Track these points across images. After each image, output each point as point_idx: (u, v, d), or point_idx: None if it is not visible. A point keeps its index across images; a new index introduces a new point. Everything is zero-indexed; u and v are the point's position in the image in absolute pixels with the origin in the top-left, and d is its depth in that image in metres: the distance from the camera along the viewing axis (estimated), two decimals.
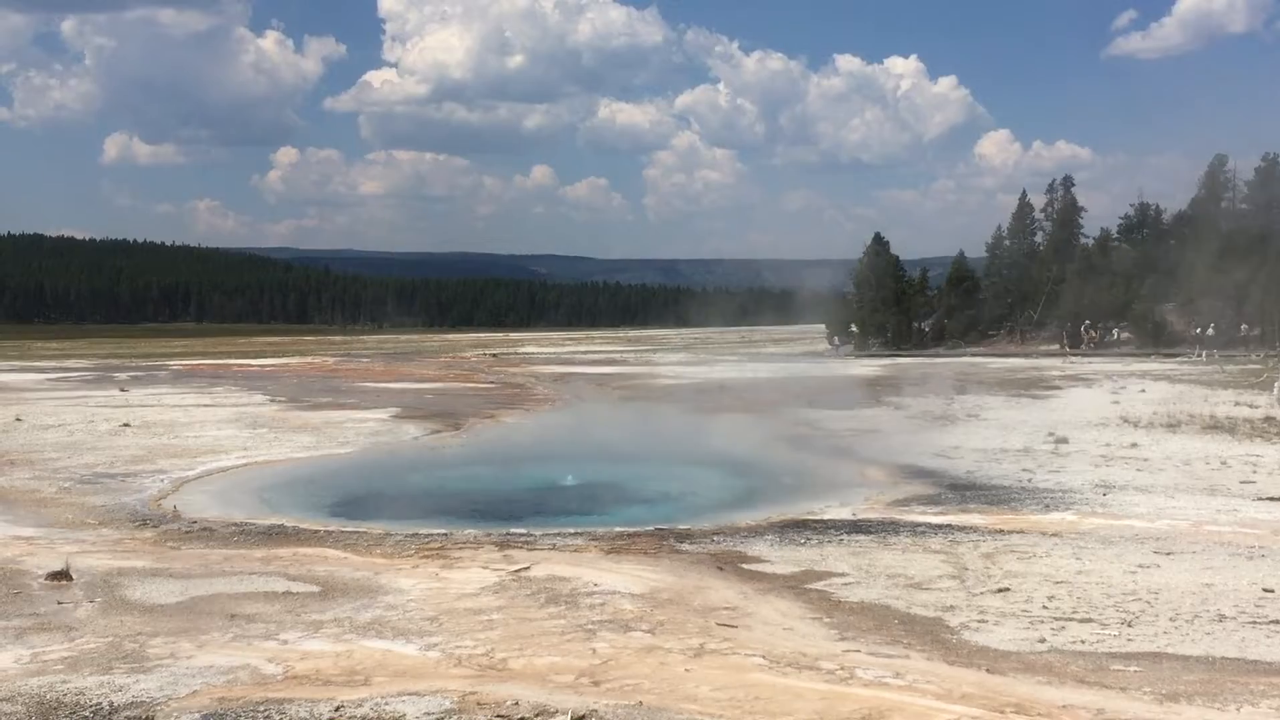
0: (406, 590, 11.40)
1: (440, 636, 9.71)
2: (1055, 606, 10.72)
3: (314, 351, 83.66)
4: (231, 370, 56.31)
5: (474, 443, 25.62)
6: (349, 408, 33.44)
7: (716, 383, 44.46)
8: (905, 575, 12.05)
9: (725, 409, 31.78)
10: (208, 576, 12.11)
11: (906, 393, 36.76)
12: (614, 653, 9.20)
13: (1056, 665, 8.96)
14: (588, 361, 64.56)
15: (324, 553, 13.37)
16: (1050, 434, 24.76)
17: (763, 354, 74.44)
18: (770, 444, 23.89)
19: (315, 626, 10.06)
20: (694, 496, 18.31)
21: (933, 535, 14.25)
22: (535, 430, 28.28)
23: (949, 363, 58.26)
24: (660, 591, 11.29)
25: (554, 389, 42.25)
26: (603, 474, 20.85)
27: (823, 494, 17.53)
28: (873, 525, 14.93)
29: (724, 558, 12.96)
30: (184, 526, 15.10)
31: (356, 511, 16.86)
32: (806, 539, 14.02)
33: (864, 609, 10.67)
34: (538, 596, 11.09)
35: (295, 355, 76.21)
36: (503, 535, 14.27)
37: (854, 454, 22.17)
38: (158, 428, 27.54)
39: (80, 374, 52.57)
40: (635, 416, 30.97)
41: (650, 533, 14.41)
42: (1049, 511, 15.91)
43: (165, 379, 48.85)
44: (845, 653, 9.22)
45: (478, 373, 53.50)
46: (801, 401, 33.08)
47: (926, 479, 18.98)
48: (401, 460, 22.77)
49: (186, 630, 9.97)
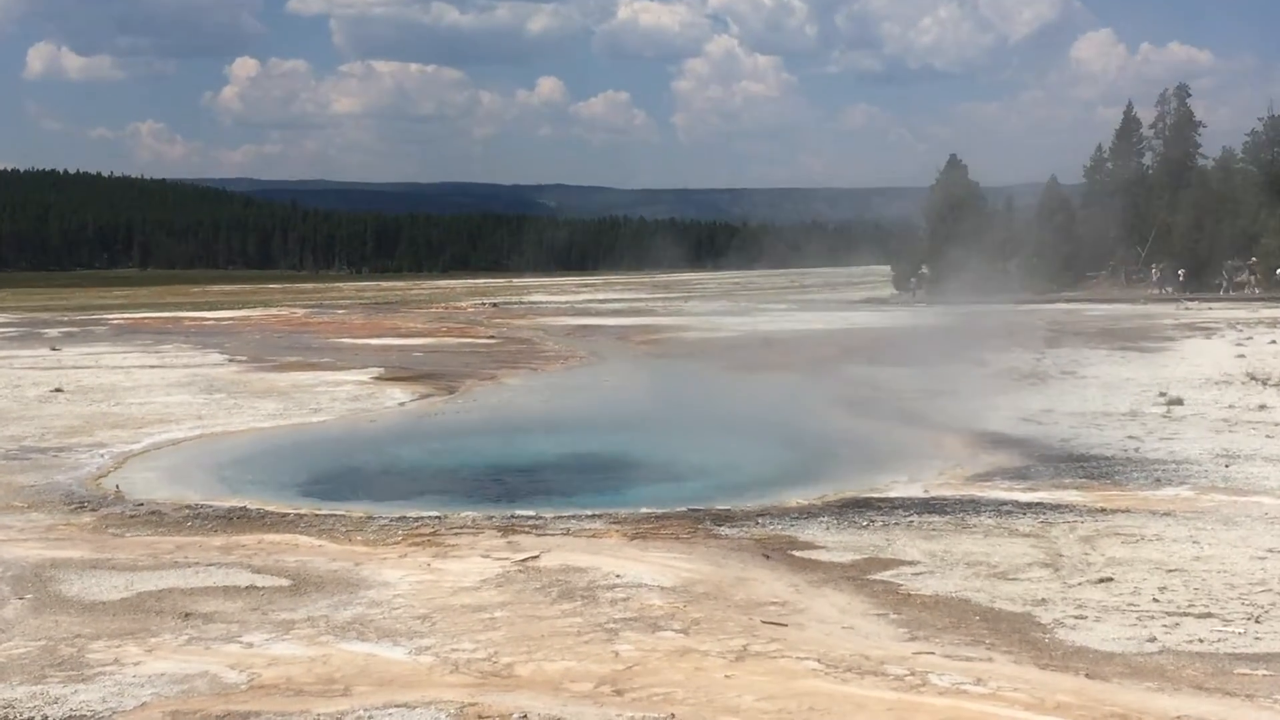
0: (393, 584, 11.45)
1: (433, 638, 9.75)
2: (1168, 599, 10.70)
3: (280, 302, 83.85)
4: (182, 325, 56.49)
5: (472, 409, 25.66)
6: (322, 368, 33.53)
7: (761, 336, 44.39)
8: (988, 563, 12.04)
9: (771, 367, 31.72)
10: (157, 569, 12.18)
11: (988, 346, 36.57)
12: (640, 656, 9.22)
13: (1169, 669, 8.94)
14: (606, 312, 64.54)
15: (295, 540, 13.42)
16: (1162, 394, 24.66)
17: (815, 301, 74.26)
18: (825, 408, 23.84)
19: (285, 627, 10.12)
20: (734, 471, 18.29)
21: (1021, 515, 14.23)
22: (545, 394, 28.30)
23: (1039, 309, 57.99)
24: (695, 584, 11.31)
25: (566, 345, 42.24)
26: (625, 445, 20.87)
27: (888, 467, 17.51)
28: (948, 504, 14.91)
29: (771, 543, 12.97)
30: (128, 510, 15.18)
31: (333, 491, 16.91)
32: (869, 521, 14.02)
33: (938, 603, 10.67)
34: (549, 590, 11.13)
35: (258, 306, 76.41)
36: (507, 518, 14.30)
37: (926, 419, 22.11)
38: (96, 393, 27.69)
39: (2, 330, 52.84)
40: (663, 377, 30.97)
41: (683, 514, 14.43)
42: (1160, 487, 15.85)
43: (104, 335, 49.03)
44: (916, 655, 9.22)
45: (475, 326, 53.53)
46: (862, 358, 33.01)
47: (1013, 449, 18.93)
48: (386, 430, 22.83)
49: (133, 632, 10.04)
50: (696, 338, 45.12)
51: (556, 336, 46.11)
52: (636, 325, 52.28)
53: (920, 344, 37.14)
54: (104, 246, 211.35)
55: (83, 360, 36.81)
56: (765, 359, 34.35)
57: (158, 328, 54.03)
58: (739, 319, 56.31)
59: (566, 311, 65.25)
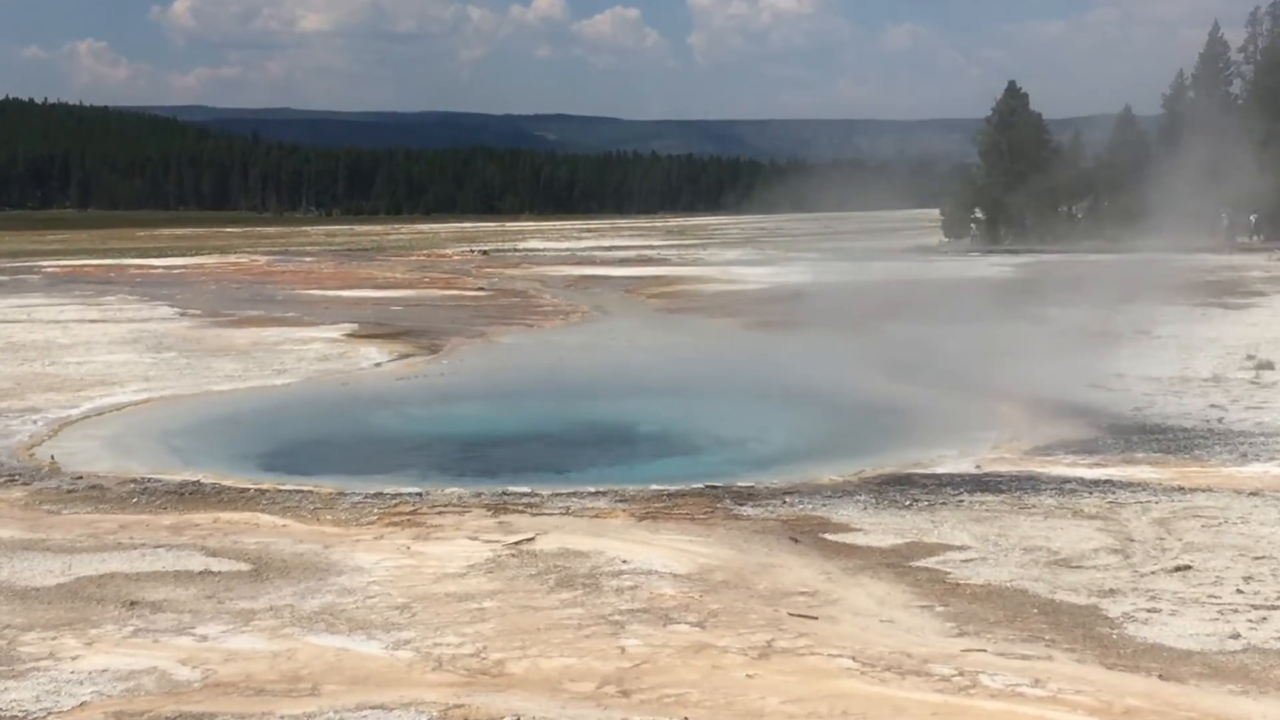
0: (367, 569, 11.48)
1: (413, 631, 9.78)
2: (1254, 590, 10.70)
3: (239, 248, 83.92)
4: (127, 274, 56.56)
5: (458, 370, 25.70)
6: (287, 323, 33.57)
7: (789, 289, 44.25)
8: (1048, 548, 12.05)
9: (801, 325, 31.64)
10: (98, 550, 12.22)
11: (1051, 301, 36.47)
12: (650, 653, 9.25)
13: (1256, 669, 8.95)
14: (613, 261, 64.51)
15: (255, 519, 13.47)
16: (1249, 357, 24.61)
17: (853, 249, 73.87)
18: (863, 371, 23.82)
19: (245, 617, 10.15)
20: (758, 443, 18.33)
21: (1086, 494, 14.22)
22: (541, 354, 28.31)
23: (1110, 260, 57.83)
24: (713, 570, 11.34)
25: (567, 298, 42.26)
26: (634, 413, 20.90)
27: (935, 439, 17.52)
28: (1003, 481, 14.91)
29: (800, 525, 12.99)
30: (65, 484, 15.22)
31: (299, 464, 16.96)
32: (913, 500, 14.03)
33: (991, 594, 10.68)
34: (545, 577, 11.15)
35: (213, 253, 76.49)
36: (498, 495, 14.32)
37: (978, 384, 22.07)
38: (28, 351, 27.75)
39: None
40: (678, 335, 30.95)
41: (699, 491, 14.44)
42: (1246, 462, 15.85)
43: (37, 285, 49.11)
44: (965, 653, 9.24)
45: (463, 276, 53.55)
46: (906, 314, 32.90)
47: (1078, 418, 18.92)
48: (360, 394, 22.86)
49: (71, 622, 10.08)
50: (716, 290, 45.08)
51: (555, 288, 46.12)
52: (647, 276, 52.27)
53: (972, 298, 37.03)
54: (37, 184, 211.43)
55: (12, 313, 36.90)
56: (795, 315, 34.26)
57: (99, 276, 54.10)
58: (765, 269, 56.26)
59: (567, 260, 65.24)
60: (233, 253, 76.99)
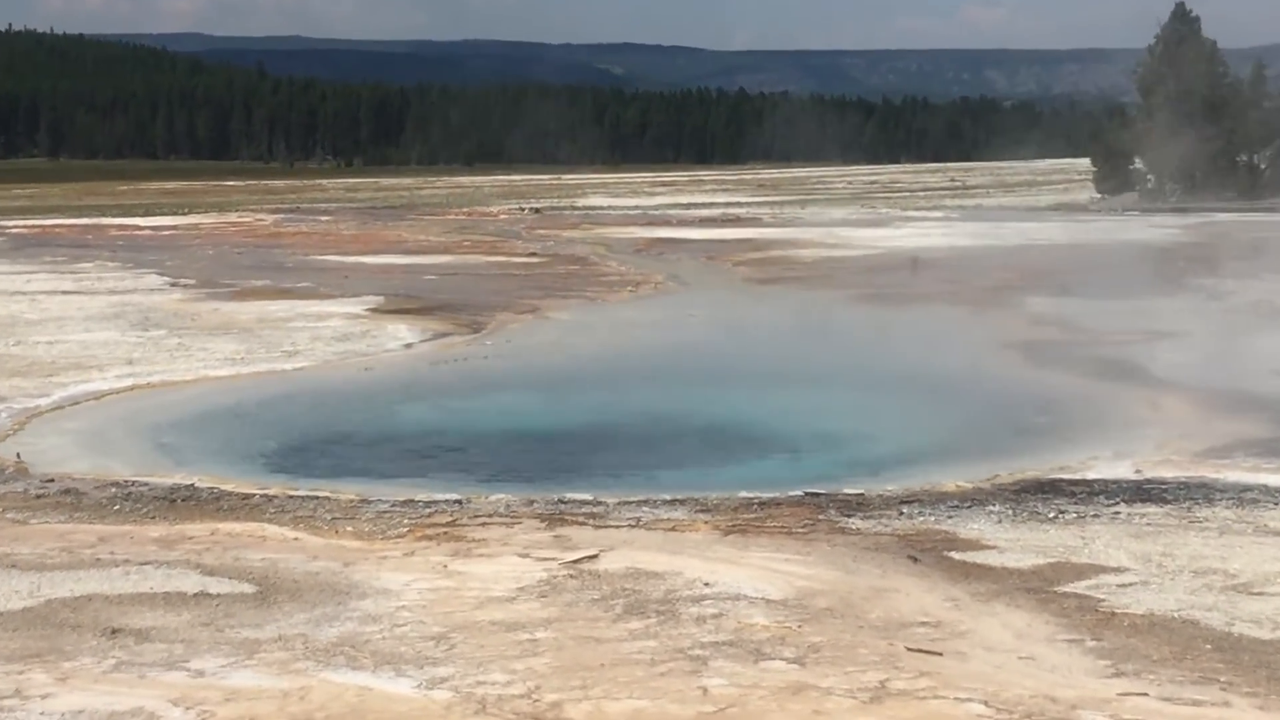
0: (396, 592, 11.51)
1: (452, 666, 9.81)
2: None
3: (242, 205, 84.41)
4: (107, 235, 56.95)
5: (504, 353, 25.78)
6: (300, 296, 33.75)
7: (906, 254, 44.20)
8: (1224, 571, 11.97)
9: (921, 299, 31.62)
10: (73, 568, 12.30)
11: (1227, 271, 36.29)
12: (738, 695, 9.24)
13: None
14: (692, 221, 64.49)
15: (261, 530, 13.54)
16: None
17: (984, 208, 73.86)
18: (995, 356, 23.78)
19: (248, 649, 10.20)
20: (868, 442, 18.31)
21: (1271, 505, 14.14)
22: (605, 333, 28.39)
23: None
24: (814, 596, 11.32)
25: (636, 265, 42.28)
26: (717, 405, 20.91)
27: (1084, 438, 17.45)
28: (1169, 489, 14.83)
29: (920, 541, 12.96)
30: (33, 487, 15.33)
31: (313, 465, 17.08)
32: (1058, 511, 13.97)
33: (1154, 625, 10.62)
34: (611, 603, 11.16)
35: (210, 211, 76.95)
36: (553, 503, 14.36)
37: (1136, 372, 21.99)
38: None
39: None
40: (771, 311, 30.92)
41: (797, 500, 14.43)
42: None
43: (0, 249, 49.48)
44: (1122, 697, 9.20)
45: (510, 240, 53.67)
46: (1050, 287, 32.82)
47: (1261, 413, 18.77)
48: (386, 381, 22.98)
49: (40, 653, 10.14)
50: (817, 257, 45.01)
51: (622, 254, 46.14)
52: (733, 239, 52.23)
53: (1130, 268, 36.88)
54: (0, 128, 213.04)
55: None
56: (913, 288, 34.24)
57: (74, 239, 54.47)
58: (876, 231, 56.14)
59: (637, 220, 65.26)
60: (233, 210, 77.41)
